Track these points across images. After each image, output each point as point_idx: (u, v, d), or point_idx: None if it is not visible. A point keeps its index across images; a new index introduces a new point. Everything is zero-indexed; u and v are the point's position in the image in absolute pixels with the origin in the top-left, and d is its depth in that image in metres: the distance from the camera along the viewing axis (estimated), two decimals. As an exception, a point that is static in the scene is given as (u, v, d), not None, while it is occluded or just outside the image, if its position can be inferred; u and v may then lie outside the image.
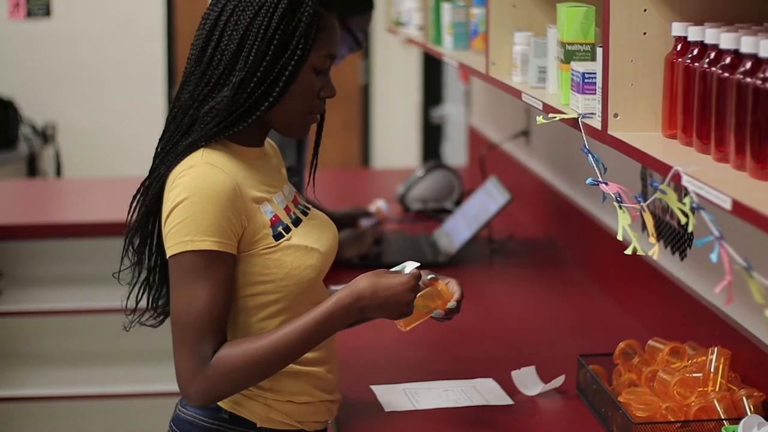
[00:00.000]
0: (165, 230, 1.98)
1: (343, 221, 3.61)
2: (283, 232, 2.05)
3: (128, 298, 2.13)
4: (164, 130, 2.08)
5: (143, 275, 2.13)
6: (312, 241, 2.08)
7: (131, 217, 2.10)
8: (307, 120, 2.09)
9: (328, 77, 2.08)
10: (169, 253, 1.97)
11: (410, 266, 2.08)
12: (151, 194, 2.05)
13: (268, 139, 2.23)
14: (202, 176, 1.97)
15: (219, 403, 2.06)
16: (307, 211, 2.16)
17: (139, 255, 2.11)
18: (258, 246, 2.02)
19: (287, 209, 2.10)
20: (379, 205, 3.97)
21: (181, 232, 1.95)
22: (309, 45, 2.01)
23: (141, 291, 2.14)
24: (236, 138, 2.06)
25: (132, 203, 2.09)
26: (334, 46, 2.06)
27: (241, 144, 2.07)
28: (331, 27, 2.05)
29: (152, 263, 2.12)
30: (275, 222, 2.05)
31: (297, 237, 2.06)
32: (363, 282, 2.01)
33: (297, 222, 2.09)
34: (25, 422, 4.03)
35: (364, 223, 3.78)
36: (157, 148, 2.08)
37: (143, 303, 2.16)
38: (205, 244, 1.94)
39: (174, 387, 2.03)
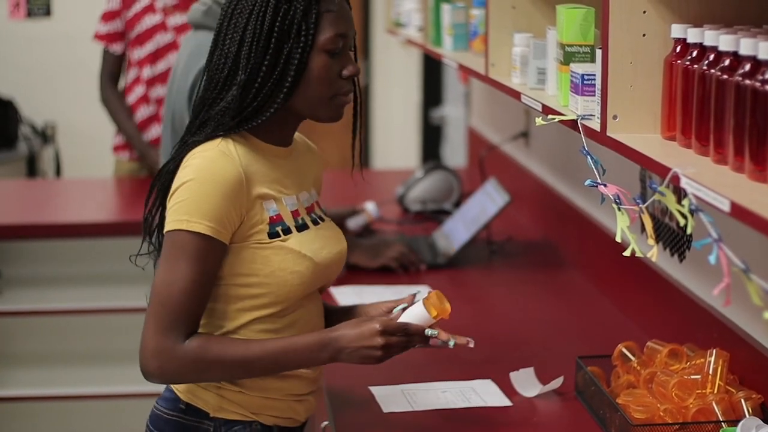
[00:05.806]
0: (168, 206, 2.02)
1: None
2: (281, 233, 2.06)
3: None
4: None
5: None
6: (309, 249, 2.08)
7: (148, 202, 2.14)
8: (334, 103, 2.08)
9: (347, 56, 2.08)
10: (165, 228, 2.02)
11: (422, 294, 2.14)
12: (165, 174, 2.08)
13: (306, 140, 2.25)
14: (212, 161, 2.00)
15: (177, 392, 2.10)
16: (320, 221, 2.16)
17: (154, 240, 2.14)
18: (250, 240, 2.04)
19: (295, 213, 2.10)
20: (367, 207, 3.89)
21: (181, 210, 1.98)
22: (311, 31, 2.02)
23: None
24: (258, 133, 2.08)
25: (150, 190, 2.12)
26: (342, 25, 2.05)
27: (262, 140, 2.08)
28: (334, 8, 2.05)
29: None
30: (275, 221, 2.05)
31: (294, 241, 2.07)
32: (341, 329, 2.05)
33: (302, 228, 2.10)
34: (23, 422, 4.02)
35: (351, 223, 3.74)
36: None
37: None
38: (201, 227, 1.98)
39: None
